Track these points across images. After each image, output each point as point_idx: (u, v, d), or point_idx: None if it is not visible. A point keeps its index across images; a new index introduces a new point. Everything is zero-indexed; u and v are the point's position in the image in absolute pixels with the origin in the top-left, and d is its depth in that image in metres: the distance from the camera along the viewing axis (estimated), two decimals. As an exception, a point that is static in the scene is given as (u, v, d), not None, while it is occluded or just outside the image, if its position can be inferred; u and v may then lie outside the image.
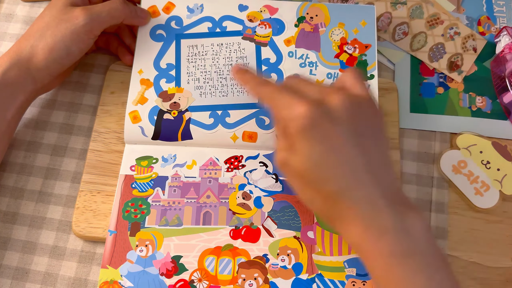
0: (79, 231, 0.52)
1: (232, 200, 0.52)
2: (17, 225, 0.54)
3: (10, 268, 0.52)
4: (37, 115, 0.59)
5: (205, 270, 0.49)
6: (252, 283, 0.49)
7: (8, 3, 0.66)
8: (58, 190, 0.55)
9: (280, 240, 0.51)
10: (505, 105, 0.60)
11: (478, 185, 0.56)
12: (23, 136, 0.58)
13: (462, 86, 0.61)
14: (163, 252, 0.50)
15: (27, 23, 0.64)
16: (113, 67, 0.60)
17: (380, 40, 0.64)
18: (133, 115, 0.55)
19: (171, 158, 0.54)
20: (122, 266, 0.49)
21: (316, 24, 0.59)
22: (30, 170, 0.56)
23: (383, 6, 0.65)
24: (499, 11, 0.66)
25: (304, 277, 0.49)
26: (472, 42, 0.63)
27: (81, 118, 0.59)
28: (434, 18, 0.64)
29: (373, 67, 0.57)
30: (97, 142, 0.56)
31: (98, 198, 0.53)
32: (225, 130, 0.54)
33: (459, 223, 0.55)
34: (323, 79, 0.57)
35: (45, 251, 0.53)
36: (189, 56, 0.57)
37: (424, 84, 0.61)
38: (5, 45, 0.63)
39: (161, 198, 0.52)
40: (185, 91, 0.56)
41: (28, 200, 0.55)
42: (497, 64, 0.61)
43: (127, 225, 0.51)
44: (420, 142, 0.59)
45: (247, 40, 0.58)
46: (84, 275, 0.52)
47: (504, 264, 0.53)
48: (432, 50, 0.63)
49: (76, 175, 0.56)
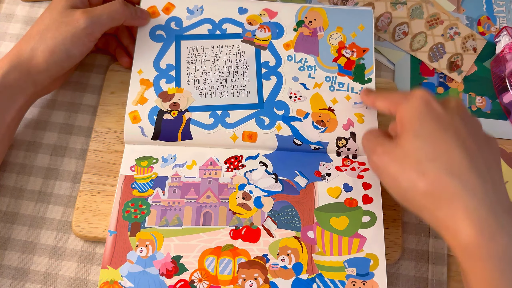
0: (79, 231, 0.52)
1: (232, 200, 0.52)
2: (17, 225, 0.54)
3: (10, 268, 0.52)
4: (37, 115, 0.59)
5: (205, 270, 0.49)
6: (252, 283, 0.49)
7: (8, 3, 0.66)
8: (58, 190, 0.55)
9: (280, 240, 0.51)
10: (505, 105, 0.60)
11: None
12: (23, 136, 0.58)
13: (462, 86, 0.62)
14: (163, 253, 0.50)
15: (27, 23, 0.64)
16: (113, 67, 0.60)
17: (380, 40, 0.64)
18: (133, 115, 0.55)
19: (171, 158, 0.54)
20: (122, 267, 0.49)
21: (314, 28, 0.59)
22: (30, 170, 0.56)
23: (383, 6, 0.65)
24: (499, 11, 0.66)
25: (304, 277, 0.49)
26: (472, 42, 0.64)
27: (81, 118, 0.59)
28: (434, 18, 0.64)
29: (370, 71, 0.58)
30: (97, 142, 0.56)
31: (98, 198, 0.53)
32: (225, 130, 0.54)
33: None
34: (321, 82, 0.57)
35: (45, 251, 0.53)
36: (189, 57, 0.58)
37: (424, 84, 0.62)
38: (5, 45, 0.63)
39: (161, 198, 0.52)
40: (185, 92, 0.56)
41: (28, 200, 0.55)
42: (497, 64, 0.61)
43: (127, 226, 0.51)
44: None
45: (247, 43, 0.58)
46: (84, 275, 0.52)
47: None
48: (432, 50, 0.63)
49: (76, 175, 0.56)
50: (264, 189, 0.53)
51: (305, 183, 0.53)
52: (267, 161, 0.54)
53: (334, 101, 0.56)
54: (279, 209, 0.52)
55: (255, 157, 0.54)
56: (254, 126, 0.55)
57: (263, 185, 0.53)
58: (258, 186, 0.53)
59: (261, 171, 0.54)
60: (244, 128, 0.55)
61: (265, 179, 0.53)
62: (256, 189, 0.53)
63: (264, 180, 0.53)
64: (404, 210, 0.55)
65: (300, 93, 0.56)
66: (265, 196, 0.53)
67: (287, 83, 0.57)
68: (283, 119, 0.55)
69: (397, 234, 0.53)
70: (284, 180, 0.53)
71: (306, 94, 0.56)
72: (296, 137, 0.55)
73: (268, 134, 0.55)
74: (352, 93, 0.57)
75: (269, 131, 0.55)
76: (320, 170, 0.54)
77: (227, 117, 0.55)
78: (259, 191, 0.53)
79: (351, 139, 0.54)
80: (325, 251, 0.50)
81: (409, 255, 0.54)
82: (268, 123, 0.55)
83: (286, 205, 0.52)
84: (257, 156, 0.55)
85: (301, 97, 0.56)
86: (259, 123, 0.55)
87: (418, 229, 0.55)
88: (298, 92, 0.56)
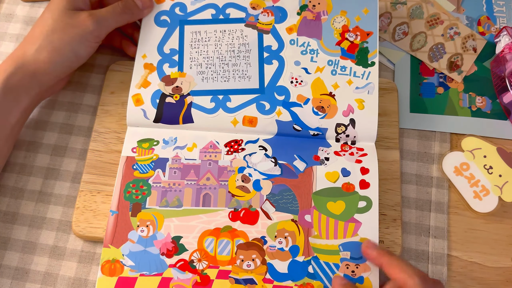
0: (79, 231, 0.52)
1: (232, 183, 0.53)
2: (17, 225, 0.54)
3: (10, 268, 0.52)
4: (37, 115, 0.59)
5: (204, 250, 0.50)
6: (250, 264, 0.50)
7: (8, 3, 0.66)
8: (58, 190, 0.56)
9: (278, 223, 0.51)
10: (505, 105, 0.60)
11: (478, 189, 0.56)
12: (23, 136, 0.58)
13: (462, 86, 0.62)
14: (164, 233, 0.51)
15: (27, 23, 0.65)
16: (113, 67, 0.60)
17: (380, 40, 0.64)
18: (136, 98, 0.56)
19: (172, 141, 0.55)
20: (123, 246, 0.50)
21: (318, 12, 0.59)
22: (30, 170, 0.57)
23: (383, 6, 0.65)
24: (499, 11, 0.66)
25: (300, 259, 0.50)
26: (472, 42, 0.63)
27: (81, 118, 0.59)
28: (434, 18, 0.64)
29: (374, 55, 0.58)
30: (97, 142, 0.56)
31: (98, 198, 0.54)
32: (225, 114, 0.55)
33: (459, 223, 0.55)
34: (323, 66, 0.57)
35: (45, 251, 0.53)
36: (192, 42, 0.58)
37: (424, 84, 0.62)
38: (5, 45, 0.63)
39: (161, 179, 0.53)
40: (188, 76, 0.57)
41: (28, 200, 0.55)
42: (497, 64, 0.61)
43: (129, 206, 0.52)
44: (420, 142, 0.59)
45: (250, 27, 0.59)
46: (84, 275, 0.52)
47: (504, 264, 0.54)
48: (432, 50, 0.63)
49: (76, 175, 0.56)
50: (263, 172, 0.54)
51: (304, 167, 0.54)
52: (266, 145, 0.55)
53: (335, 86, 0.56)
54: (277, 192, 0.53)
55: (255, 141, 0.55)
56: (254, 111, 0.55)
57: (262, 169, 0.54)
58: (258, 169, 0.54)
59: (261, 155, 0.54)
60: (244, 113, 0.55)
61: (264, 162, 0.54)
62: (256, 172, 0.54)
63: (263, 163, 0.54)
64: (404, 210, 0.56)
65: (301, 78, 0.57)
66: (264, 179, 0.53)
67: (288, 67, 0.57)
68: (283, 104, 0.56)
69: (397, 234, 0.53)
70: (283, 164, 0.54)
71: (307, 79, 0.57)
72: (296, 123, 0.55)
73: (268, 119, 0.55)
74: (354, 77, 0.57)
75: (269, 116, 0.55)
76: (319, 155, 0.54)
77: (228, 101, 0.56)
78: (258, 174, 0.53)
79: (350, 125, 0.55)
80: (321, 234, 0.51)
81: (409, 255, 0.54)
82: (269, 108, 0.55)
83: (285, 188, 0.53)
84: (257, 140, 0.55)
85: (302, 82, 0.56)
86: (259, 108, 0.55)
87: (418, 229, 0.55)
88: (299, 77, 0.57)
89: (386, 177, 0.55)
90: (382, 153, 0.56)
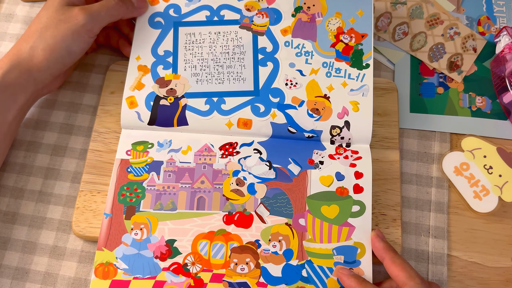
0: (79, 231, 0.52)
1: (226, 186, 0.53)
2: (17, 225, 0.54)
3: (10, 268, 0.52)
4: (37, 115, 0.59)
5: (198, 254, 0.50)
6: (244, 267, 0.50)
7: (8, 3, 0.66)
8: (58, 190, 0.56)
9: (272, 227, 0.51)
10: (505, 105, 0.60)
11: (478, 189, 0.56)
12: (23, 136, 0.58)
13: (462, 86, 0.61)
14: (158, 236, 0.51)
15: (27, 23, 0.64)
16: (113, 67, 0.60)
17: (380, 40, 0.64)
18: (130, 101, 0.55)
19: (167, 143, 0.55)
20: (117, 249, 0.50)
21: (313, 14, 0.59)
22: (30, 170, 0.57)
23: (383, 6, 0.65)
24: (499, 11, 0.65)
25: (294, 263, 0.50)
26: (472, 42, 0.63)
27: (81, 118, 0.59)
28: (434, 18, 0.64)
29: (369, 56, 0.57)
30: (97, 142, 0.56)
31: (98, 198, 0.54)
32: (220, 117, 0.55)
33: (459, 223, 0.55)
34: (318, 68, 0.57)
35: (45, 251, 0.53)
36: (187, 43, 0.58)
37: (424, 84, 0.62)
38: (5, 45, 0.63)
39: (156, 182, 0.53)
40: (182, 78, 0.56)
41: (28, 200, 0.55)
42: (497, 64, 0.61)
43: (123, 209, 0.52)
44: (420, 142, 0.59)
45: (244, 29, 0.59)
46: (84, 275, 0.52)
47: (504, 264, 0.54)
48: (432, 50, 0.63)
49: (76, 175, 0.56)
50: (257, 176, 0.54)
51: (298, 170, 0.54)
52: (261, 148, 0.55)
53: (330, 88, 0.56)
54: (272, 196, 0.53)
55: (249, 144, 0.55)
56: (249, 113, 0.55)
57: (257, 172, 0.54)
58: (252, 173, 0.54)
59: (255, 158, 0.54)
60: (239, 115, 0.55)
61: (259, 166, 0.54)
62: (250, 175, 0.54)
63: (258, 167, 0.54)
64: (404, 210, 0.56)
65: (296, 80, 0.56)
66: (258, 183, 0.53)
67: (283, 69, 0.57)
68: (278, 106, 0.55)
69: (397, 234, 0.53)
70: (277, 168, 0.54)
71: (302, 81, 0.56)
72: (291, 125, 0.55)
73: (263, 121, 0.55)
74: (349, 79, 0.57)
75: (264, 119, 0.55)
76: (313, 158, 0.54)
77: (222, 104, 0.55)
78: (252, 177, 0.53)
79: (345, 128, 0.55)
80: (315, 238, 0.51)
81: (409, 255, 0.54)
82: (263, 111, 0.55)
83: (279, 192, 0.53)
84: (251, 143, 0.55)
85: (297, 84, 0.56)
86: (254, 111, 0.55)
87: (418, 229, 0.55)
88: (294, 79, 0.57)
89: (386, 177, 0.55)
90: (382, 153, 0.56)
